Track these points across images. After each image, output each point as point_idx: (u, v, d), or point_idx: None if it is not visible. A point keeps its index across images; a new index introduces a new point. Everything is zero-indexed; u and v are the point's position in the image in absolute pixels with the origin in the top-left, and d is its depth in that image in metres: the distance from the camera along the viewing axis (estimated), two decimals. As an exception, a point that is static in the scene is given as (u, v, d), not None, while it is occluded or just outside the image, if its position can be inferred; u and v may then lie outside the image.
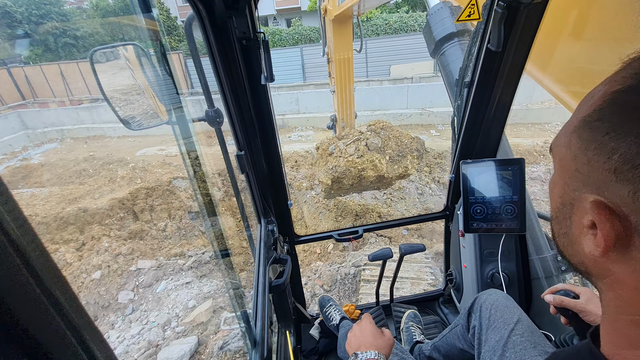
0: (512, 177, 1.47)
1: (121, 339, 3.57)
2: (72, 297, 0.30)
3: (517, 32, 1.26)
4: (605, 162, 0.34)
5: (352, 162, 1.54)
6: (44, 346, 0.26)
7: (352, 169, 1.53)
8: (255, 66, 1.16)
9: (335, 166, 1.54)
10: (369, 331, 0.97)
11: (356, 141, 1.58)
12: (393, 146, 1.60)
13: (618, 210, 0.34)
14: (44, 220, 5.26)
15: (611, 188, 0.34)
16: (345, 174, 1.52)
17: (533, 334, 1.00)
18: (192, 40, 1.01)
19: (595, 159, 0.36)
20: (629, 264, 0.35)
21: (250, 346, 0.98)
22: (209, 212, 0.98)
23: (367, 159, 1.56)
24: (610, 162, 0.34)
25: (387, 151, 1.60)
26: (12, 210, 0.25)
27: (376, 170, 1.57)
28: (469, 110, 1.55)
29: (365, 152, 1.59)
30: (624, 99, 0.34)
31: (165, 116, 0.94)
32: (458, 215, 1.72)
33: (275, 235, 1.51)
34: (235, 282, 1.02)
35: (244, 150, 1.30)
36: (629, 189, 0.32)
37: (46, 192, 6.73)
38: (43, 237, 3.11)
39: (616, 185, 0.34)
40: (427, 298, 2.15)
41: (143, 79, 0.93)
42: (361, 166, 1.54)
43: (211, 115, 1.12)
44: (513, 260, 1.61)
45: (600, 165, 0.35)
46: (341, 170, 1.52)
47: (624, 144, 0.33)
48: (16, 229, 0.25)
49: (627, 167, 0.32)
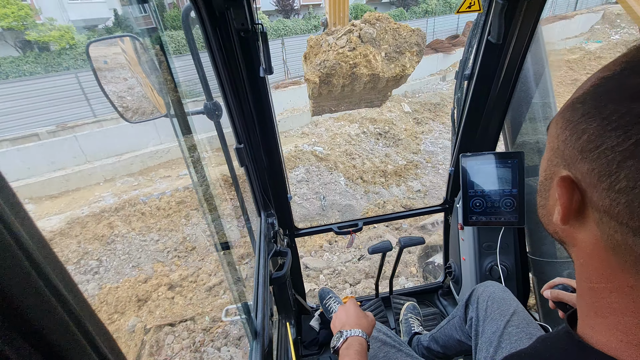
0: (511, 171, 1.47)
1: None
2: (74, 290, 0.30)
3: (518, 24, 1.25)
4: (575, 141, 0.38)
5: (343, 55, 1.37)
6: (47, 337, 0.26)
7: (342, 63, 1.36)
8: (254, 58, 1.15)
9: (324, 60, 1.37)
10: (353, 312, 1.00)
11: (348, 33, 1.41)
12: (390, 40, 1.43)
13: (579, 185, 0.38)
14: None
15: (576, 165, 0.38)
16: (335, 69, 1.35)
17: (529, 326, 1.01)
18: (190, 32, 1.00)
19: (570, 138, 0.39)
20: (586, 233, 0.40)
21: (251, 337, 0.99)
22: (209, 206, 0.98)
23: (360, 53, 1.39)
24: (579, 142, 0.38)
25: (382, 46, 1.44)
26: (14, 206, 0.25)
27: (370, 68, 1.42)
28: (469, 103, 1.54)
29: (358, 44, 1.41)
30: (604, 86, 0.37)
31: (164, 109, 0.93)
32: (457, 209, 1.73)
33: (275, 228, 1.51)
34: (235, 274, 1.02)
35: (243, 144, 1.30)
36: (588, 166, 0.37)
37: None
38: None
39: (580, 163, 0.38)
40: (426, 290, 2.17)
41: (140, 71, 0.93)
42: (353, 61, 1.38)
43: (210, 108, 1.11)
44: (512, 253, 1.62)
45: (572, 144, 0.39)
46: (330, 65, 1.35)
47: (591, 127, 0.36)
48: (18, 224, 0.25)
49: (590, 147, 0.36)
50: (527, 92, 1.57)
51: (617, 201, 0.34)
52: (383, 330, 1.18)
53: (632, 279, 0.37)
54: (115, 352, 0.34)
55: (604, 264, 0.39)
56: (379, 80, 1.53)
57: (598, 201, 0.36)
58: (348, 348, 0.87)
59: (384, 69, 1.51)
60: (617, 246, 0.37)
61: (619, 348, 0.39)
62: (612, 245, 0.37)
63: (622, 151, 0.33)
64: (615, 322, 0.40)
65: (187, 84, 4.66)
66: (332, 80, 1.48)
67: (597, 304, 0.42)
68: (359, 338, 0.90)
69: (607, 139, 0.34)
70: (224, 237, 1.01)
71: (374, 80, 1.54)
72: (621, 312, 0.39)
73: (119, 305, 4.04)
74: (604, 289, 0.40)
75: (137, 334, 3.56)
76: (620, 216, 0.34)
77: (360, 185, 6.64)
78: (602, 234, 0.38)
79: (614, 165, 0.34)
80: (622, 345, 0.39)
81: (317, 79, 1.44)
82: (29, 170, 7.35)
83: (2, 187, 0.25)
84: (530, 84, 1.57)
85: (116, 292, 4.24)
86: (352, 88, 1.56)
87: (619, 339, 0.39)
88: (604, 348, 0.40)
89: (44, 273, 0.26)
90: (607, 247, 0.38)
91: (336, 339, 0.92)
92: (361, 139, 8.22)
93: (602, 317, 0.41)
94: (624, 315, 0.39)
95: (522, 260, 1.63)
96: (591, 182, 0.37)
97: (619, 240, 0.36)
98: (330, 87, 1.51)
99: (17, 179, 6.99)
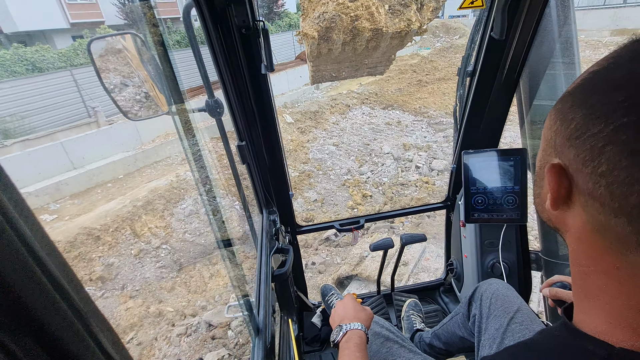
0: (513, 168, 1.46)
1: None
2: (79, 287, 0.30)
3: (521, 20, 1.24)
4: (565, 130, 0.40)
5: (343, 5, 1.27)
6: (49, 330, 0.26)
7: (343, 15, 1.27)
8: (255, 55, 1.15)
9: (323, 13, 1.27)
10: (351, 306, 1.02)
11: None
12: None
13: (568, 171, 0.40)
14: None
15: (565, 152, 0.40)
16: (335, 22, 1.25)
17: (532, 323, 1.01)
18: (191, 29, 1.00)
19: (560, 128, 0.41)
20: (575, 217, 0.42)
21: (253, 334, 1.00)
22: (211, 203, 0.99)
23: (361, 4, 1.31)
24: (567, 131, 0.40)
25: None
26: (17, 204, 0.25)
27: (373, 22, 1.32)
28: (471, 99, 1.53)
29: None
30: (592, 79, 0.39)
31: (165, 107, 0.93)
32: (459, 206, 1.72)
33: (277, 225, 1.52)
34: (237, 271, 1.03)
35: (244, 141, 1.30)
36: (574, 152, 0.39)
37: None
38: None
39: (568, 150, 0.40)
40: (428, 287, 2.17)
41: (142, 68, 0.93)
42: (354, 13, 1.28)
43: (211, 105, 1.11)
44: (514, 250, 1.61)
45: (562, 133, 0.41)
46: (330, 17, 1.24)
47: (578, 116, 0.38)
48: (22, 222, 0.25)
49: (577, 134, 0.38)
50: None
51: (599, 184, 0.36)
52: (386, 327, 1.18)
53: (618, 261, 0.38)
54: (119, 348, 0.35)
55: (592, 246, 0.41)
56: (382, 37, 1.43)
57: (583, 185, 0.39)
58: (348, 341, 0.89)
59: (388, 23, 1.41)
60: (601, 228, 0.38)
61: (608, 331, 0.40)
62: (597, 228, 0.39)
63: (603, 137, 0.35)
64: (605, 305, 0.41)
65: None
66: (332, 36, 1.38)
67: (588, 288, 0.44)
68: (358, 331, 0.91)
69: (591, 127, 0.36)
70: (225, 235, 1.02)
71: (377, 38, 1.43)
72: (609, 294, 0.40)
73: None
74: (593, 271, 0.42)
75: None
76: (602, 198, 0.36)
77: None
78: (588, 216, 0.40)
79: (596, 150, 0.36)
80: (610, 328, 0.40)
81: (315, 34, 1.34)
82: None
83: (6, 185, 0.25)
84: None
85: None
86: (353, 47, 1.45)
87: (608, 322, 0.40)
88: (594, 332, 0.41)
89: (48, 270, 0.26)
90: (594, 230, 0.40)
91: (335, 333, 0.94)
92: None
93: (593, 300, 0.43)
94: (612, 297, 0.40)
95: (523, 257, 1.63)
96: (577, 167, 0.39)
97: (603, 222, 0.38)
98: (330, 45, 1.41)
99: None
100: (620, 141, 0.34)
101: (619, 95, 0.34)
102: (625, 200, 0.34)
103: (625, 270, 0.38)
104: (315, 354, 1.83)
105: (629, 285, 0.38)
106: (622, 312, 0.39)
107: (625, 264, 0.38)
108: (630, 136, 0.33)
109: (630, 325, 0.39)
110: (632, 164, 0.33)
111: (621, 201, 0.34)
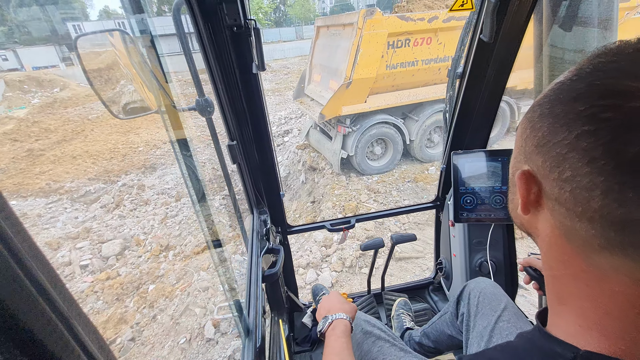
0: (501, 168, 1.49)
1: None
2: (62, 288, 0.29)
3: (509, 23, 1.27)
4: (533, 138, 0.42)
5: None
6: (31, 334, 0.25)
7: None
8: (247, 54, 1.14)
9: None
10: (336, 300, 1.08)
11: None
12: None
13: (536, 177, 0.42)
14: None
15: (533, 158, 0.42)
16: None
17: (519, 320, 1.03)
18: (181, 27, 0.99)
19: (530, 136, 0.43)
20: (544, 222, 0.44)
21: (243, 335, 0.99)
22: (201, 203, 0.97)
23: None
24: (535, 139, 0.42)
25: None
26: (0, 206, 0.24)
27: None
28: (461, 101, 1.55)
29: None
30: (558, 90, 0.41)
31: (155, 105, 0.92)
32: (448, 206, 1.75)
33: (267, 225, 1.51)
34: (227, 271, 1.02)
35: (235, 140, 1.29)
36: (542, 159, 0.41)
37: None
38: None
39: (536, 157, 0.42)
40: (417, 286, 2.19)
41: (130, 66, 0.91)
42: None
43: (202, 104, 1.10)
44: (500, 249, 1.64)
45: (531, 140, 0.43)
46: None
47: (545, 125, 0.40)
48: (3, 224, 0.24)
49: (544, 142, 0.40)
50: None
51: (564, 189, 0.38)
52: (377, 326, 1.19)
53: (584, 264, 0.40)
54: (105, 351, 0.34)
55: (561, 250, 0.42)
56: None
57: (550, 191, 0.40)
58: (334, 329, 0.94)
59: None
60: (568, 232, 0.40)
61: (577, 333, 0.41)
62: (564, 232, 0.41)
63: (567, 145, 0.37)
64: (575, 308, 0.42)
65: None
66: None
67: (560, 292, 0.45)
68: (343, 320, 0.96)
69: (556, 135, 0.38)
70: (215, 235, 1.01)
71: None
72: (578, 297, 0.42)
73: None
74: (563, 275, 0.43)
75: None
76: (567, 203, 0.38)
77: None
78: (556, 221, 0.41)
79: (561, 157, 0.38)
80: (580, 331, 0.41)
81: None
82: None
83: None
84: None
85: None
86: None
87: (578, 325, 0.42)
88: (564, 335, 0.43)
89: (30, 273, 0.26)
90: (561, 234, 0.41)
91: (322, 324, 0.98)
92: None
93: (564, 304, 0.44)
94: (580, 299, 0.41)
95: (510, 255, 1.66)
96: (545, 173, 0.41)
97: (569, 226, 0.39)
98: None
99: None
100: (581, 148, 0.35)
101: (579, 105, 0.37)
102: (587, 205, 0.36)
103: (591, 274, 0.39)
104: (306, 354, 1.83)
105: (596, 288, 0.39)
106: (590, 315, 0.40)
107: (591, 267, 0.39)
108: (589, 144, 0.35)
109: (597, 328, 0.40)
110: (592, 170, 0.35)
111: (584, 205, 0.36)
